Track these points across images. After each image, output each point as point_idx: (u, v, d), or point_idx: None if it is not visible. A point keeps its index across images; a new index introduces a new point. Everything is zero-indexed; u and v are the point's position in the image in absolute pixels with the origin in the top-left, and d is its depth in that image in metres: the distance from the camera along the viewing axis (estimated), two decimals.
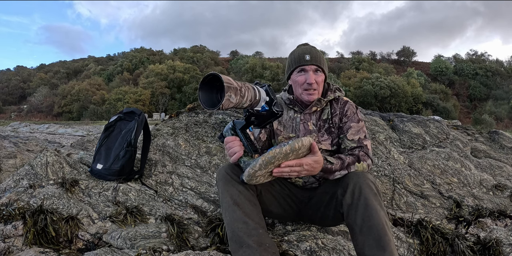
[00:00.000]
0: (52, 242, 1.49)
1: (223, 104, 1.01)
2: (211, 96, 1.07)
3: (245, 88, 1.10)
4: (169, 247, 1.50)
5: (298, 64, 1.53)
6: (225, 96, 1.00)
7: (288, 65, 1.61)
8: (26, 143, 4.31)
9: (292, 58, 1.58)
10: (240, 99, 1.07)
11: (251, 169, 1.17)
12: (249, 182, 1.23)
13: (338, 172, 1.37)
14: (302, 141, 1.19)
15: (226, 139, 1.30)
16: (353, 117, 1.56)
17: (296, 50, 1.59)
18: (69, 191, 1.80)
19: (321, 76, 1.55)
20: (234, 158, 1.28)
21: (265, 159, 1.15)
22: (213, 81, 1.05)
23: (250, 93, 1.12)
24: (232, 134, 1.31)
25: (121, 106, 32.51)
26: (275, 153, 1.14)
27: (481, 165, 2.90)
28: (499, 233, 1.81)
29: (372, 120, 3.10)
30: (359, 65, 44.48)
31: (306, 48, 1.56)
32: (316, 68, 1.53)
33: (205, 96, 1.07)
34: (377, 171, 2.38)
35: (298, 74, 1.55)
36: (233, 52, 59.27)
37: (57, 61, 65.61)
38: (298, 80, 1.55)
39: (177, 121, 2.82)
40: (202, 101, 1.06)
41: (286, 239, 1.57)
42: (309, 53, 1.53)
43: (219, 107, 1.01)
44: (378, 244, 1.18)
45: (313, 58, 1.52)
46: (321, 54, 1.57)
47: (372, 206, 1.24)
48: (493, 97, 38.00)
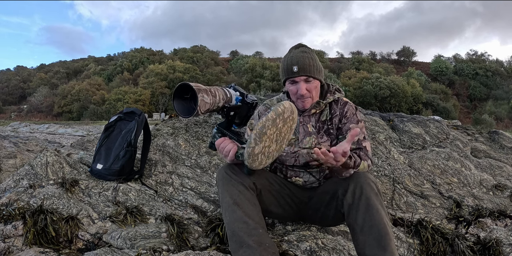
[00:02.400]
0: (52, 242, 1.49)
1: (199, 105, 1.08)
2: (186, 106, 1.17)
3: (214, 88, 1.19)
4: (169, 247, 1.51)
5: (287, 76, 1.49)
6: (199, 97, 1.07)
7: (281, 73, 1.56)
8: (26, 143, 4.31)
9: (282, 67, 1.52)
10: (213, 99, 1.16)
11: (248, 148, 1.14)
12: (253, 165, 1.18)
13: (351, 169, 1.35)
14: (283, 104, 1.18)
15: (217, 142, 1.31)
16: (352, 118, 1.54)
17: (286, 58, 1.51)
18: (69, 191, 1.80)
19: (314, 83, 1.49)
20: (231, 155, 1.27)
21: (257, 131, 1.13)
22: (183, 93, 1.15)
23: (221, 92, 1.21)
24: (220, 136, 1.34)
25: (121, 106, 32.50)
26: (263, 122, 1.13)
27: (481, 165, 2.90)
28: (499, 233, 1.81)
29: (372, 120, 3.10)
30: (359, 65, 44.44)
31: (293, 57, 1.47)
32: (306, 78, 1.46)
33: (180, 107, 1.17)
34: (377, 171, 2.38)
35: (290, 85, 1.51)
36: (233, 52, 59.23)
37: (57, 61, 65.58)
38: (291, 90, 1.51)
39: (177, 121, 2.82)
40: (179, 112, 1.16)
41: (286, 239, 1.57)
42: (297, 63, 1.45)
43: (197, 110, 1.10)
44: (379, 244, 1.18)
45: (301, 69, 1.44)
46: (311, 60, 1.47)
47: (373, 206, 1.24)
48: (493, 97, 37.99)
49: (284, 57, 1.54)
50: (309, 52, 1.51)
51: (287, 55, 1.52)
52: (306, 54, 1.48)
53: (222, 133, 1.34)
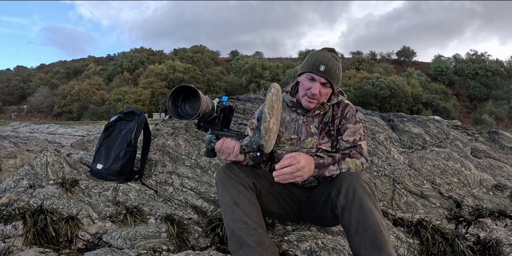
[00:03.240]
0: (52, 242, 1.49)
1: (202, 104, 1.17)
2: (176, 109, 1.24)
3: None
4: (169, 247, 1.51)
5: (310, 70, 1.48)
6: (201, 94, 1.17)
7: (303, 65, 1.55)
8: (26, 143, 4.31)
9: (308, 60, 1.52)
10: (207, 99, 1.24)
11: (265, 122, 1.21)
12: (268, 143, 1.24)
13: (332, 166, 1.37)
14: (274, 84, 1.30)
15: (217, 144, 1.36)
16: (351, 119, 1.55)
17: (316, 54, 1.52)
18: (69, 191, 1.80)
19: (328, 90, 1.51)
20: (236, 150, 1.31)
21: (268, 105, 1.22)
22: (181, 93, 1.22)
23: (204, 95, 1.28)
24: (216, 140, 1.38)
25: (121, 106, 32.51)
26: (270, 97, 1.24)
27: (481, 165, 2.90)
28: (499, 233, 1.81)
29: (372, 120, 3.10)
30: (359, 65, 44.43)
31: (325, 58, 1.48)
32: (325, 81, 1.48)
33: (176, 111, 1.24)
34: (377, 171, 2.38)
35: (306, 79, 1.51)
36: (233, 52, 59.23)
37: (57, 61, 65.58)
38: (304, 83, 1.52)
39: (177, 121, 2.82)
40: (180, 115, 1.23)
41: (286, 239, 1.57)
42: (326, 64, 1.46)
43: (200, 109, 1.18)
44: (375, 245, 1.18)
45: (326, 71, 1.46)
46: (337, 69, 1.50)
47: (366, 207, 1.23)
48: (493, 97, 37.98)
49: (314, 53, 1.54)
50: (339, 60, 1.53)
51: (319, 53, 1.52)
52: (336, 61, 1.51)
53: (217, 136, 1.39)
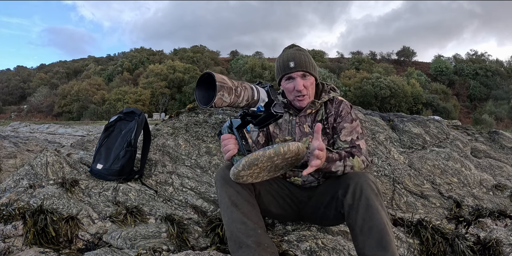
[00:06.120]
0: (52, 242, 1.49)
1: (216, 102, 1.02)
2: (207, 94, 1.07)
3: (241, 88, 1.10)
4: (169, 247, 1.51)
5: (284, 72, 1.51)
6: (217, 95, 1.00)
7: (276, 72, 1.58)
8: (26, 143, 4.31)
9: (278, 65, 1.55)
10: (235, 99, 1.07)
11: (235, 169, 1.17)
12: (237, 180, 1.23)
13: (338, 161, 1.37)
14: (289, 146, 1.14)
15: (222, 136, 1.31)
16: (346, 117, 1.54)
17: (281, 56, 1.55)
18: (69, 191, 1.80)
19: (310, 79, 1.52)
20: (227, 156, 1.28)
21: (248, 160, 1.13)
22: (210, 80, 1.05)
23: (247, 92, 1.12)
24: (229, 132, 1.31)
25: (121, 106, 32.50)
26: (258, 156, 1.12)
27: (481, 165, 2.90)
28: (499, 233, 1.81)
29: (372, 120, 3.10)
30: (359, 65, 44.45)
31: (289, 54, 1.52)
32: (302, 73, 1.50)
33: (201, 94, 1.08)
34: (377, 171, 2.38)
35: (286, 82, 1.53)
36: (233, 52, 59.22)
37: (57, 61, 65.56)
38: (287, 87, 1.53)
39: (177, 121, 2.82)
40: (198, 99, 1.08)
41: (286, 239, 1.57)
42: (293, 59, 1.49)
43: (211, 105, 1.02)
44: (380, 244, 1.18)
45: (297, 64, 1.48)
46: (306, 57, 1.52)
47: (373, 206, 1.23)
48: (493, 97, 37.99)
49: (279, 57, 1.57)
50: (303, 50, 1.56)
51: (282, 54, 1.56)
52: (301, 52, 1.54)
53: (231, 130, 1.31)
